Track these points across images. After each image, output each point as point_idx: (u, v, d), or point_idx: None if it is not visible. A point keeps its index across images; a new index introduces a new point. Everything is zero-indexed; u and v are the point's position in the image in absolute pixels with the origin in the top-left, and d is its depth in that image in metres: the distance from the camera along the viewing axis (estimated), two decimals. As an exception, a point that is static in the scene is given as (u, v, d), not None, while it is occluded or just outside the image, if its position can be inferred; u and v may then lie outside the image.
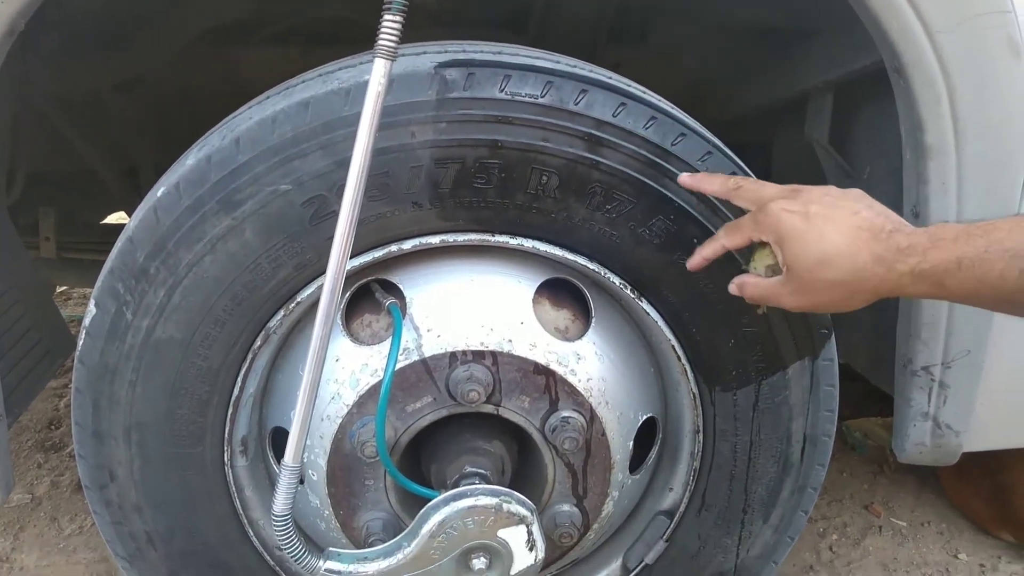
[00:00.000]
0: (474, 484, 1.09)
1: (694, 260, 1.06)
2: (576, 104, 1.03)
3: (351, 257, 1.00)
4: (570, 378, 1.15)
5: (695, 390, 1.23)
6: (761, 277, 0.99)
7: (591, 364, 1.18)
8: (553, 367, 1.15)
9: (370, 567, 1.04)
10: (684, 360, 1.21)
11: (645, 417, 1.26)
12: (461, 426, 1.20)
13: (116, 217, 2.81)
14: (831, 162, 1.51)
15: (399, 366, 1.11)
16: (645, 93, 1.10)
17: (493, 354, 1.13)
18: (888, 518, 2.11)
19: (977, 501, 2.06)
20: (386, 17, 0.88)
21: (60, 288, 3.79)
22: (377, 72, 0.89)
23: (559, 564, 1.34)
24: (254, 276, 1.08)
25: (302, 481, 1.19)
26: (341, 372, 1.15)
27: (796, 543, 1.36)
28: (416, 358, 1.13)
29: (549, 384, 1.15)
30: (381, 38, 0.88)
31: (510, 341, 1.14)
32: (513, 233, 1.12)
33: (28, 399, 1.53)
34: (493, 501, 1.05)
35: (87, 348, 1.10)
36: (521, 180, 1.06)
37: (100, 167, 1.96)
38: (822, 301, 0.92)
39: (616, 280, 1.15)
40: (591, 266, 1.14)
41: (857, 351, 1.46)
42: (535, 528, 1.07)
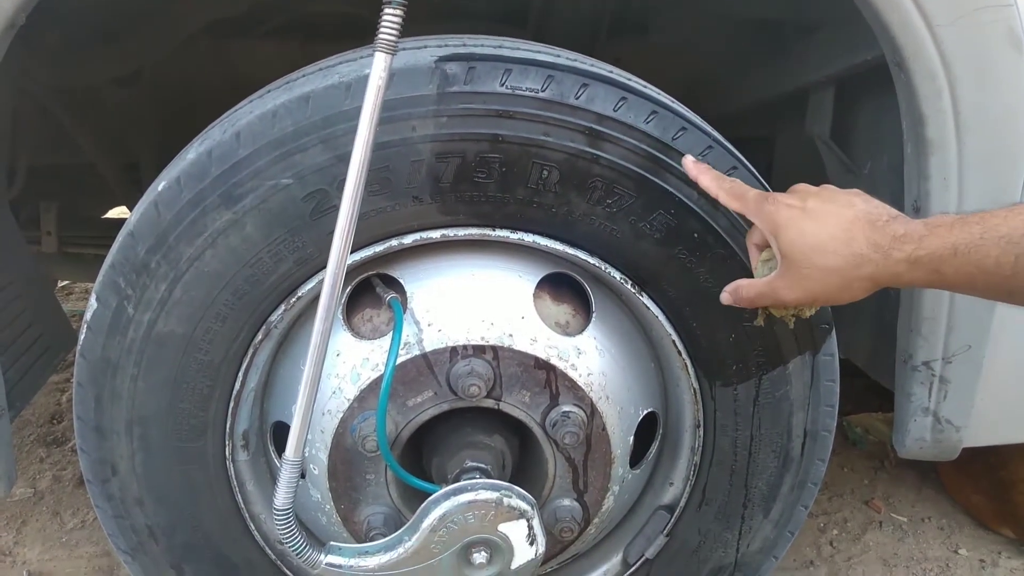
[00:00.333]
0: (475, 478, 1.09)
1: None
2: (577, 98, 1.03)
3: (352, 252, 1.00)
4: (571, 373, 1.16)
5: (696, 385, 1.23)
6: (755, 280, 0.99)
7: (592, 359, 1.18)
8: (554, 362, 1.15)
9: (371, 561, 1.04)
10: (685, 355, 1.21)
11: (646, 412, 1.26)
12: (462, 420, 1.20)
13: (117, 212, 2.82)
14: (832, 157, 1.50)
15: (400, 360, 1.11)
16: (646, 87, 1.10)
17: (494, 349, 1.14)
18: (888, 513, 2.11)
19: (977, 497, 2.06)
20: (386, 11, 0.88)
21: (61, 283, 3.80)
22: (378, 66, 0.89)
23: (560, 559, 1.34)
24: (255, 270, 1.08)
25: (303, 475, 1.20)
26: (342, 366, 1.15)
27: (796, 538, 1.36)
28: (417, 352, 1.13)
29: (550, 379, 1.15)
30: (381, 32, 0.88)
31: (511, 336, 1.14)
32: (514, 228, 1.12)
33: (30, 394, 1.53)
34: (494, 495, 1.05)
35: (89, 342, 1.10)
36: (522, 174, 1.06)
37: (100, 161, 1.96)
38: (818, 292, 0.91)
39: (617, 275, 1.15)
40: (592, 261, 1.14)
41: (858, 346, 1.46)
42: (536, 522, 1.07)
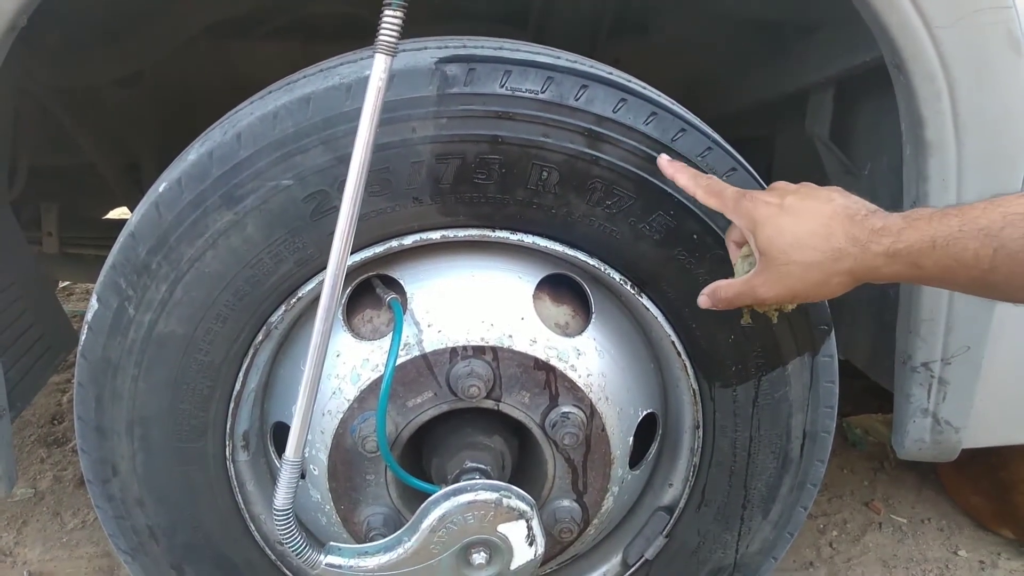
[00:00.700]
0: (474, 479, 1.09)
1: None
2: (576, 100, 1.04)
3: (352, 252, 1.00)
4: (570, 374, 1.16)
5: (695, 386, 1.23)
6: (733, 280, 0.98)
7: (591, 360, 1.18)
8: (553, 363, 1.15)
9: (371, 561, 1.04)
10: (684, 356, 1.21)
11: (645, 413, 1.27)
12: (461, 421, 1.20)
13: (118, 213, 2.82)
14: (832, 158, 1.51)
15: (400, 361, 1.11)
16: (645, 89, 1.10)
17: (494, 349, 1.14)
18: (888, 515, 2.11)
19: (977, 497, 2.06)
20: (386, 13, 0.88)
21: (62, 283, 3.80)
22: (378, 68, 0.89)
23: (559, 559, 1.34)
24: (256, 271, 1.08)
25: (303, 476, 1.20)
26: (342, 367, 1.15)
27: (796, 539, 1.36)
28: (417, 353, 1.13)
29: (549, 380, 1.16)
30: (382, 34, 0.88)
31: (510, 337, 1.14)
32: (513, 229, 1.12)
33: (31, 394, 1.53)
34: (493, 496, 1.05)
35: (89, 343, 1.10)
36: (521, 176, 1.06)
37: (100, 161, 1.97)
38: (797, 288, 0.91)
39: (616, 276, 1.16)
40: (591, 262, 1.15)
41: (857, 347, 1.46)
42: (535, 523, 1.07)
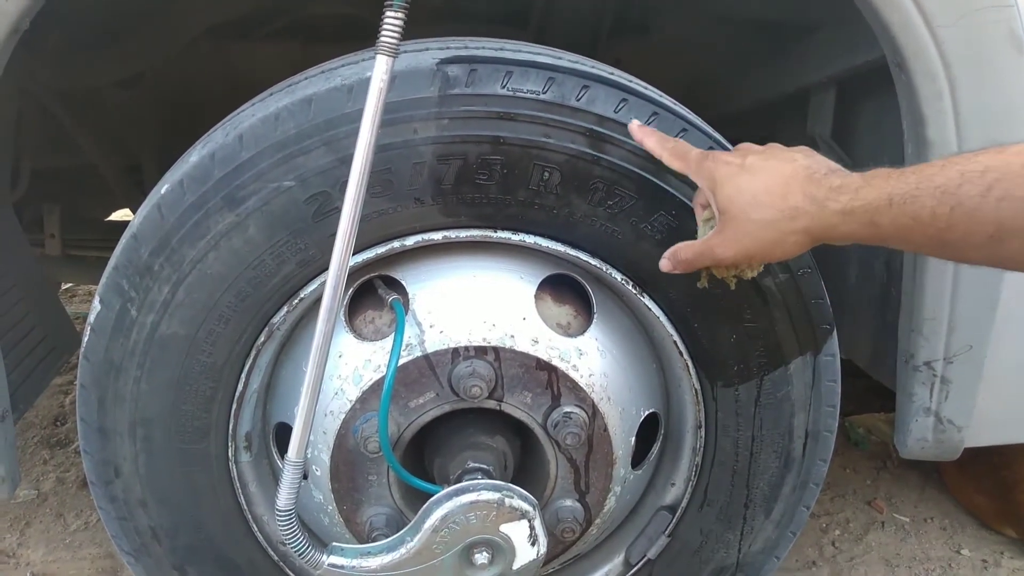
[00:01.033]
0: (476, 479, 1.09)
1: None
2: (578, 100, 1.04)
3: (354, 253, 1.00)
4: (572, 374, 1.16)
5: (697, 386, 1.23)
6: (693, 241, 0.99)
7: (593, 360, 1.18)
8: (555, 363, 1.15)
9: (373, 562, 1.04)
10: (686, 355, 1.21)
11: (647, 412, 1.27)
12: (464, 421, 1.20)
13: (121, 214, 2.82)
14: (833, 157, 1.49)
15: (402, 362, 1.11)
16: (647, 89, 1.10)
17: (495, 350, 1.14)
18: (891, 514, 2.11)
19: (980, 497, 2.05)
20: (388, 14, 0.88)
21: (65, 285, 3.80)
22: (379, 69, 0.90)
23: (561, 559, 1.34)
24: (258, 272, 1.08)
25: (306, 476, 1.20)
26: (344, 368, 1.15)
27: (798, 538, 1.36)
28: (419, 354, 1.13)
29: (551, 380, 1.16)
30: (383, 35, 0.89)
31: (512, 337, 1.14)
32: (515, 229, 1.12)
33: (33, 395, 1.54)
34: (495, 496, 1.05)
35: (92, 344, 1.11)
36: (523, 176, 1.06)
37: (101, 163, 1.97)
38: (752, 247, 0.90)
39: (618, 276, 1.16)
40: (593, 262, 1.15)
41: (859, 346, 1.46)
42: (537, 523, 1.07)
